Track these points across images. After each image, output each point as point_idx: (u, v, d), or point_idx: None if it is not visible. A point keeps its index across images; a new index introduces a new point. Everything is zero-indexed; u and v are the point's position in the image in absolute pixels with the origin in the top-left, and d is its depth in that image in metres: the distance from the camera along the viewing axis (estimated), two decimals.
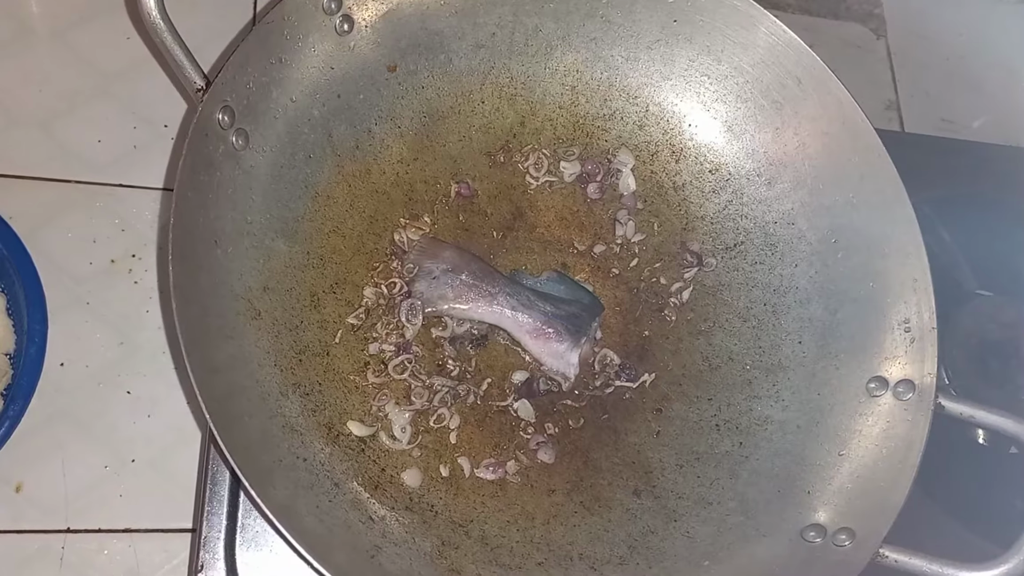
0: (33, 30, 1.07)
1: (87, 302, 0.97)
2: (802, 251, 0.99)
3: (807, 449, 0.92)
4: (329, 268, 0.93)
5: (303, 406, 0.86)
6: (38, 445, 0.91)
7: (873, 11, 1.37)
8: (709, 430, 0.95)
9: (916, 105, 1.31)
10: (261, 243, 0.88)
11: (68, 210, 1.00)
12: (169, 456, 0.94)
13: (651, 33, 1.01)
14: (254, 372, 0.83)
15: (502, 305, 0.93)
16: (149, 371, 0.96)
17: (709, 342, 0.99)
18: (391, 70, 0.97)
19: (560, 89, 1.03)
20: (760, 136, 1.01)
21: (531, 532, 0.88)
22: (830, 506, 0.88)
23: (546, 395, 0.94)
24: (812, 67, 0.96)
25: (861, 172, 0.95)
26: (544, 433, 0.93)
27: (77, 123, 1.04)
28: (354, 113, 0.96)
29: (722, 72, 1.01)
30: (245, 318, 0.84)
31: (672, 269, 1.02)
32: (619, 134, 1.04)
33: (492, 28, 1.00)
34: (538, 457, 0.91)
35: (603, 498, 0.91)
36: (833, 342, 0.95)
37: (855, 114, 0.95)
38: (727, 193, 1.02)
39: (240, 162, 0.86)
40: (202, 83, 0.81)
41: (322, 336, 0.90)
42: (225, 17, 1.11)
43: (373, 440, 0.88)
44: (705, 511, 0.91)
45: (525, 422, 0.93)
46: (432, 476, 0.88)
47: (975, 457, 1.06)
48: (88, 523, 0.90)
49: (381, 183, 0.97)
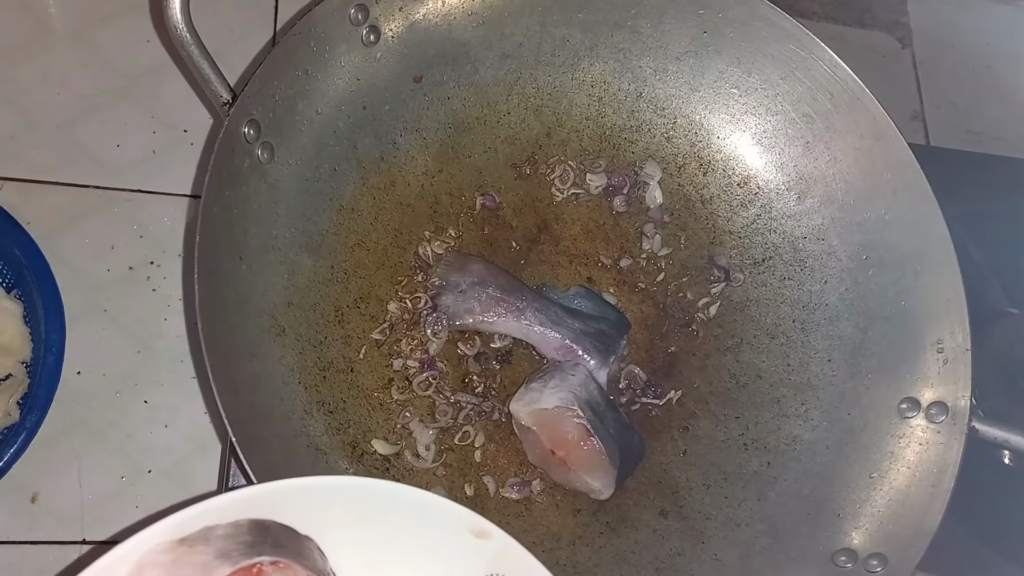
0: (52, 30, 1.06)
1: (105, 309, 0.96)
2: (832, 267, 0.98)
3: (837, 470, 0.91)
4: (353, 282, 0.92)
5: (327, 424, 0.85)
6: (54, 455, 0.90)
7: (899, 20, 1.35)
8: (737, 449, 0.94)
9: (942, 116, 1.29)
10: (286, 258, 0.87)
11: (86, 216, 0.99)
12: (186, 466, 0.92)
13: (680, 45, 1.00)
14: (279, 390, 0.82)
15: (530, 320, 0.91)
16: (167, 380, 0.95)
17: (737, 359, 0.98)
18: (417, 81, 0.96)
19: (587, 100, 1.02)
20: (790, 150, 1.00)
21: (557, 553, 0.87)
22: (861, 530, 0.87)
23: None
24: (845, 80, 0.95)
25: (894, 188, 0.94)
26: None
27: (96, 126, 1.02)
28: (379, 124, 0.95)
29: (752, 84, 1.00)
30: (270, 335, 0.83)
31: (699, 284, 1.00)
32: (646, 146, 1.03)
33: (519, 38, 0.99)
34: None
35: (629, 519, 0.90)
36: (863, 361, 0.94)
37: (888, 129, 0.93)
38: (756, 207, 1.01)
39: (266, 176, 0.85)
40: (228, 97, 0.80)
41: (346, 352, 0.89)
42: (247, 19, 1.10)
43: (398, 459, 0.87)
44: (733, 533, 0.90)
45: None
46: (457, 495, 0.87)
47: (1001, 477, 1.04)
48: (104, 534, 0.89)
49: (406, 195, 0.96)
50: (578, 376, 0.89)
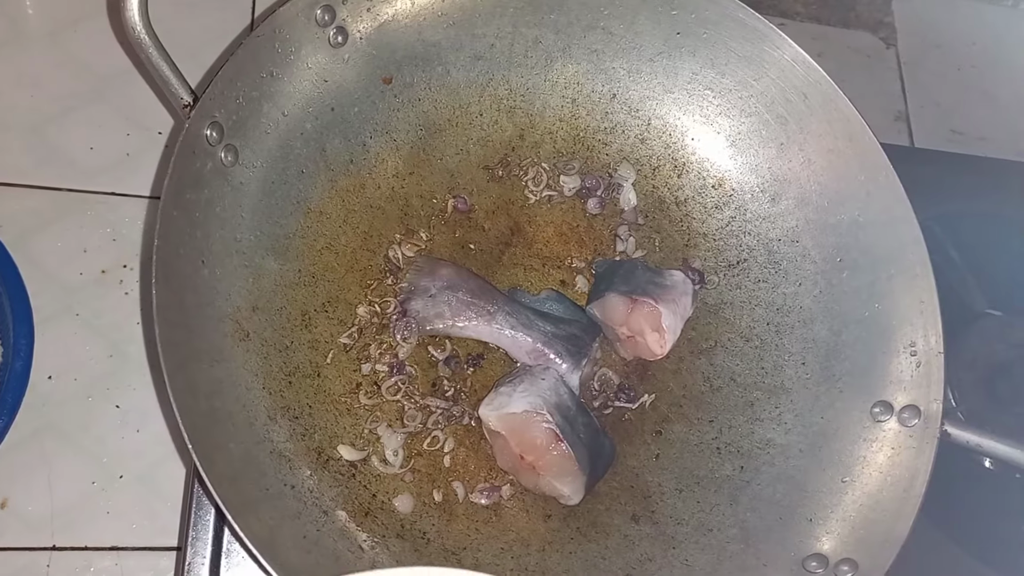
0: (26, 32, 1.06)
1: (77, 313, 0.96)
2: (806, 270, 0.97)
3: (809, 475, 0.90)
4: (321, 286, 0.91)
5: (292, 430, 0.84)
6: (24, 460, 0.89)
7: (883, 20, 1.34)
8: (710, 453, 0.93)
9: (926, 116, 1.29)
10: (251, 261, 0.86)
11: (58, 218, 0.98)
12: (157, 472, 0.92)
13: (654, 46, 0.99)
14: (241, 396, 0.81)
15: (501, 324, 0.91)
16: (139, 384, 0.94)
17: (711, 362, 0.97)
18: (386, 82, 0.95)
19: (560, 102, 1.01)
20: (764, 151, 0.99)
21: (526, 560, 0.86)
22: (833, 535, 0.86)
23: None
24: (819, 82, 0.94)
25: (868, 190, 0.93)
26: None
27: (69, 128, 1.02)
28: (348, 127, 0.94)
29: (726, 86, 0.99)
30: (233, 340, 0.83)
31: None
32: (620, 148, 1.02)
33: (491, 39, 0.98)
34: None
35: (600, 524, 0.89)
36: (837, 364, 0.94)
37: (862, 131, 0.93)
38: (730, 209, 1.00)
39: (229, 178, 0.84)
40: (189, 99, 0.79)
41: (313, 357, 0.88)
42: (224, 20, 1.10)
43: (364, 464, 0.87)
44: (705, 538, 0.89)
45: None
46: (425, 502, 0.87)
47: (981, 482, 1.04)
48: (74, 540, 0.88)
49: (376, 198, 0.96)
50: (548, 380, 0.88)
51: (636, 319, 0.92)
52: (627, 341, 0.94)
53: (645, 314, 0.91)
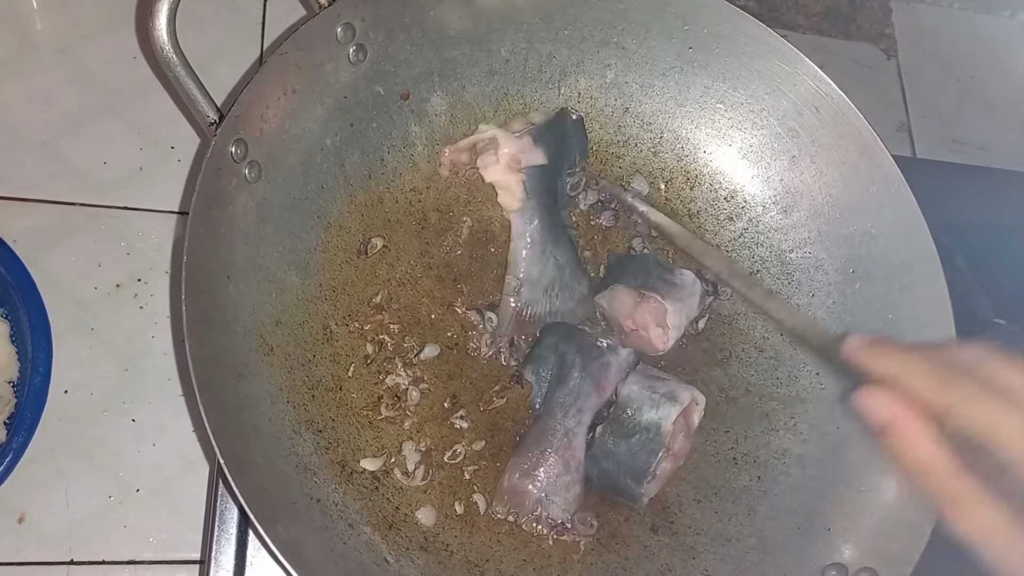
0: (37, 47, 1.05)
1: (92, 327, 0.95)
2: (819, 281, 0.98)
3: (827, 484, 0.91)
4: (341, 300, 0.91)
5: (316, 444, 0.85)
6: (41, 475, 0.89)
7: (884, 31, 1.35)
8: (727, 463, 0.94)
9: (927, 126, 1.30)
10: (273, 276, 0.87)
11: (72, 233, 0.98)
12: (174, 485, 0.92)
13: (666, 60, 1.00)
14: (267, 411, 0.82)
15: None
16: (154, 398, 0.94)
17: (725, 372, 0.98)
18: (404, 98, 0.96)
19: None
20: (776, 164, 1.00)
21: (547, 571, 0.87)
22: (851, 544, 0.87)
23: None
24: (830, 95, 0.95)
25: (880, 202, 0.94)
26: None
27: (82, 143, 1.02)
28: (367, 142, 0.94)
29: (737, 99, 1.00)
30: (258, 354, 0.83)
31: None
32: (633, 161, 1.03)
33: (505, 55, 0.99)
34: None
35: (620, 535, 0.90)
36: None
37: (874, 143, 0.94)
38: (743, 221, 1.01)
39: (253, 194, 0.84)
40: (215, 117, 0.80)
41: (335, 370, 0.89)
42: (233, 35, 1.10)
43: (387, 477, 0.87)
44: (724, 548, 0.90)
45: None
46: (447, 514, 0.87)
47: None
48: (92, 555, 0.88)
49: (394, 212, 0.96)
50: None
51: (641, 313, 0.93)
52: (631, 334, 0.95)
53: (651, 309, 0.93)
